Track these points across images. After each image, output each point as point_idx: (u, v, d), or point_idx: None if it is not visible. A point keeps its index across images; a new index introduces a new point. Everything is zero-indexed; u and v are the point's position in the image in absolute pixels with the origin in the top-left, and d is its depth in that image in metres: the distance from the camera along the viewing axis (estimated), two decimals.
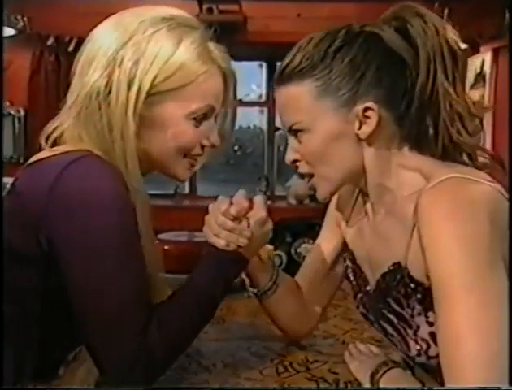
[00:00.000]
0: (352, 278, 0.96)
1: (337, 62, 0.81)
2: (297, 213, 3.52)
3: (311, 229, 1.68)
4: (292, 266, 1.57)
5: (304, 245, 1.63)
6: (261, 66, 3.88)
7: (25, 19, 2.85)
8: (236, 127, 4.01)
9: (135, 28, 0.83)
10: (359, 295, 0.94)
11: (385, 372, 0.85)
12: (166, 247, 1.66)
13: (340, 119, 0.81)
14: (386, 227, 0.86)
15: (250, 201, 0.91)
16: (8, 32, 2.77)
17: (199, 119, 0.87)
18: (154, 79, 0.82)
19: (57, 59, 2.97)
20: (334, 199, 1.05)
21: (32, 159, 0.85)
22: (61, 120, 0.86)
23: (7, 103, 3.00)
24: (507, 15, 2.47)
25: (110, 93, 0.82)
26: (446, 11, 2.65)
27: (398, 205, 0.84)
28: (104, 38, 0.84)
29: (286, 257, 1.56)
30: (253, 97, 3.96)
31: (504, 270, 0.71)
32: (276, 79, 0.86)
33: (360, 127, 0.81)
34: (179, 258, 1.55)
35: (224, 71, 0.90)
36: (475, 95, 2.77)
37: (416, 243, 0.77)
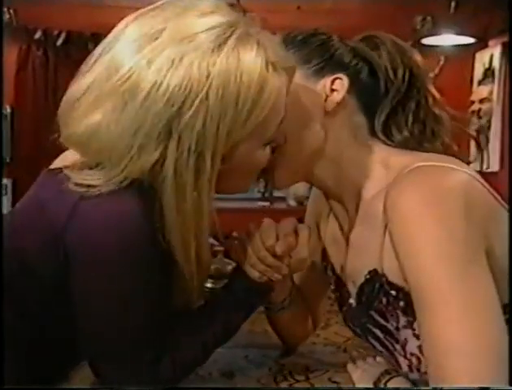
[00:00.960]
0: (335, 290, 0.96)
1: (309, 43, 0.85)
2: (297, 214, 3.52)
3: None
4: None
5: None
6: None
7: (11, 11, 2.83)
8: None
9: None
10: (344, 308, 0.92)
11: (388, 381, 0.85)
12: None
13: (307, 89, 0.84)
14: (357, 232, 0.85)
15: (296, 232, 0.87)
16: None
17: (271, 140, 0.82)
18: (229, 137, 0.72)
19: (45, 54, 2.98)
20: (309, 207, 1.06)
21: (58, 164, 0.82)
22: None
23: None
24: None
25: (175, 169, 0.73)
26: (453, 4, 2.67)
27: (366, 205, 0.83)
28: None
29: None
30: None
31: (485, 264, 0.68)
32: None
33: (326, 101, 0.83)
34: None
35: (288, 70, 0.79)
36: (483, 91, 2.82)
37: (390, 245, 0.74)
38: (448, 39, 2.72)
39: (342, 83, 0.83)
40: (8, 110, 3.03)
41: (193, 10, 0.73)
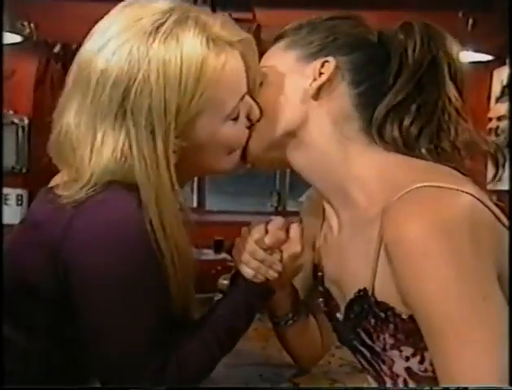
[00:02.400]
0: (322, 303, 0.91)
1: (319, 26, 0.82)
2: None
3: None
4: None
5: None
6: None
7: (32, 25, 2.86)
8: None
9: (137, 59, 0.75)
10: (332, 323, 0.90)
11: None
12: None
13: (296, 70, 0.81)
14: (349, 245, 0.80)
15: (287, 230, 0.87)
16: (14, 38, 2.77)
17: (237, 115, 0.82)
18: (178, 108, 0.75)
19: (63, 68, 2.97)
20: (304, 214, 1.01)
21: (52, 183, 0.83)
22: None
23: (11, 112, 3.03)
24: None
25: (131, 148, 0.76)
26: (470, 22, 2.66)
27: (360, 220, 0.77)
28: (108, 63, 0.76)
29: None
30: None
31: (500, 294, 0.65)
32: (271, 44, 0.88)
33: (312, 82, 0.80)
34: None
35: (240, 44, 0.82)
36: (500, 109, 2.80)
37: (384, 266, 0.71)
38: (465, 56, 2.71)
39: (329, 66, 0.79)
40: (26, 121, 3.07)
41: (141, 4, 0.79)
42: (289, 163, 0.85)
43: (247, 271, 0.86)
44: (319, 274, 0.91)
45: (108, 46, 0.75)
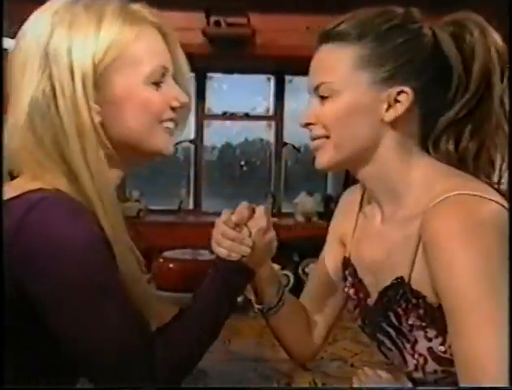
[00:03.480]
0: (352, 292, 0.98)
1: (388, 40, 0.83)
2: (305, 231, 3.54)
3: (320, 248, 1.70)
4: (300, 287, 1.59)
5: (312, 265, 1.64)
6: (269, 79, 3.93)
7: None
8: (242, 140, 4.07)
9: (53, 21, 0.81)
10: (358, 308, 0.96)
11: None
12: (170, 265, 1.69)
13: (371, 95, 0.83)
14: (391, 239, 0.88)
15: (253, 210, 0.94)
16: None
17: (157, 81, 0.85)
18: (93, 59, 0.80)
19: None
20: (336, 215, 1.08)
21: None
22: (8, 138, 0.82)
23: None
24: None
25: (55, 94, 0.79)
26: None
27: (404, 219, 0.85)
28: (31, 36, 0.81)
29: (293, 277, 1.58)
30: (260, 110, 4.00)
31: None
32: (320, 36, 0.87)
33: (387, 110, 0.83)
34: (183, 277, 1.57)
35: (158, 26, 0.88)
36: None
37: (421, 260, 0.80)
38: None
39: (407, 97, 0.83)
40: None
41: None
42: (354, 171, 0.91)
43: (221, 251, 0.91)
44: (351, 267, 0.98)
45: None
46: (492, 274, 0.73)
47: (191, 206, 3.93)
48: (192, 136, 3.95)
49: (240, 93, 3.99)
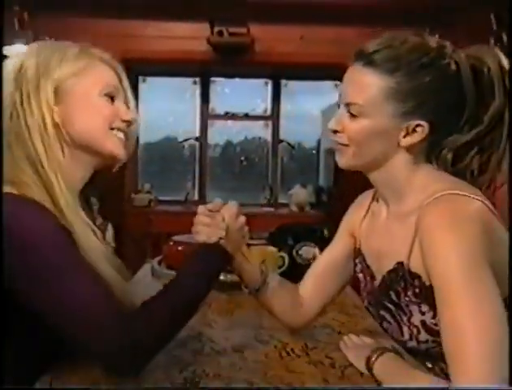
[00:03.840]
0: (361, 276, 1.03)
1: (417, 77, 0.85)
2: (299, 219, 3.58)
3: (312, 233, 1.74)
4: (295, 267, 1.62)
5: (305, 248, 1.67)
6: (266, 83, 3.96)
7: (52, 40, 2.88)
8: (242, 138, 4.09)
9: (25, 55, 0.90)
10: (366, 291, 1.02)
11: (379, 356, 0.91)
12: (179, 248, 1.73)
13: (394, 124, 0.87)
14: (394, 231, 0.94)
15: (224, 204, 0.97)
16: None
17: (111, 95, 0.92)
18: (55, 71, 0.87)
19: None
20: (349, 213, 1.12)
21: None
22: None
23: None
24: (492, 41, 2.52)
25: (22, 101, 0.85)
26: (436, 36, 2.72)
27: (405, 214, 0.91)
28: (10, 67, 0.90)
29: (288, 258, 1.61)
30: (258, 111, 4.03)
31: (491, 274, 0.78)
32: (359, 55, 0.88)
33: (404, 137, 0.88)
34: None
35: (108, 62, 0.94)
36: None
37: (417, 247, 0.86)
38: None
39: (423, 129, 0.87)
40: None
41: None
42: (367, 174, 0.96)
43: (199, 237, 0.94)
44: (360, 255, 1.03)
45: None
46: (474, 260, 0.78)
47: (196, 198, 3.96)
48: (197, 134, 3.98)
49: (240, 95, 4.02)
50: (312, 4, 3.07)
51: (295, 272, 1.34)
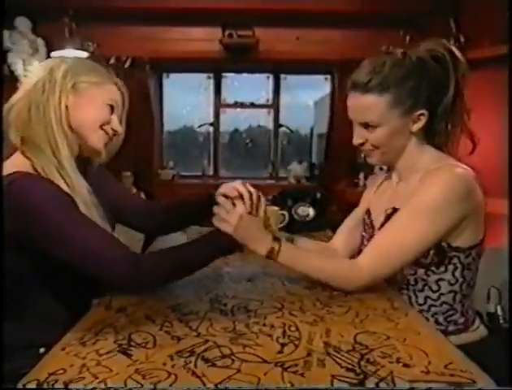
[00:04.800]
0: (365, 227, 1.12)
1: (404, 86, 0.94)
2: (294, 188, 3.63)
3: (306, 196, 1.83)
4: (293, 223, 1.70)
5: (301, 207, 1.75)
6: (268, 77, 3.96)
7: (95, 44, 2.92)
8: (248, 125, 4.12)
9: (68, 60, 0.96)
10: (366, 239, 1.10)
11: (280, 247, 0.93)
12: None
13: (402, 121, 0.97)
14: (402, 192, 1.02)
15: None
16: (82, 54, 2.84)
17: (111, 107, 0.95)
18: (79, 76, 0.92)
19: (117, 74, 2.99)
20: (367, 187, 1.22)
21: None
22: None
23: None
24: (451, 42, 2.55)
25: (49, 84, 0.90)
26: (408, 38, 2.75)
27: (411, 179, 1.00)
28: (37, 73, 0.93)
29: (288, 215, 1.69)
30: (262, 101, 4.04)
31: (445, 224, 0.90)
32: (355, 86, 0.96)
33: (413, 125, 0.97)
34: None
35: (119, 86, 0.99)
36: None
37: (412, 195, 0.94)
38: None
39: (425, 116, 0.96)
40: None
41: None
42: (388, 163, 1.05)
43: (215, 221, 0.92)
44: (367, 213, 1.12)
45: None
46: (442, 207, 0.89)
47: (211, 173, 4.02)
48: (211, 120, 4.02)
49: (247, 87, 4.02)
50: (306, 11, 3.09)
51: (293, 226, 1.42)
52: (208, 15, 3.08)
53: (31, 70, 0.88)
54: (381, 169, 2.74)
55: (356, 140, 1.01)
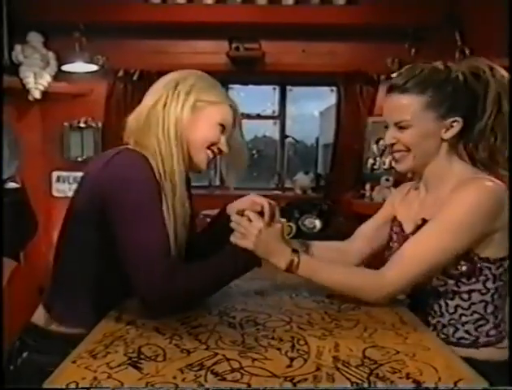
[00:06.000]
0: (395, 237, 1.10)
1: (442, 89, 0.95)
2: (301, 200, 3.62)
3: (313, 208, 1.83)
4: (300, 234, 1.72)
5: (308, 219, 1.77)
6: (274, 89, 3.97)
7: (104, 58, 2.95)
8: (253, 136, 4.14)
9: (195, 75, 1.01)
10: (394, 248, 1.07)
11: (300, 259, 0.94)
12: (207, 219, 1.83)
13: (435, 125, 0.96)
14: (429, 202, 1.01)
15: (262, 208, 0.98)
16: (92, 67, 2.89)
17: (223, 127, 0.99)
18: (201, 94, 0.97)
19: (125, 87, 3.06)
20: (393, 194, 1.21)
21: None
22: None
23: (90, 118, 3.09)
24: (457, 54, 2.56)
25: (165, 106, 0.94)
26: (413, 51, 2.77)
27: (442, 189, 0.99)
28: (163, 84, 0.99)
29: (295, 227, 1.69)
30: (268, 112, 4.06)
31: (470, 237, 0.89)
32: (393, 88, 0.97)
33: (445, 132, 0.96)
34: None
35: (233, 107, 1.03)
36: None
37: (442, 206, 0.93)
38: None
39: (459, 124, 0.96)
40: (100, 125, 3.11)
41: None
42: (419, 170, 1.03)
43: (233, 238, 0.92)
44: (396, 222, 1.11)
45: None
46: (467, 221, 0.88)
47: (218, 183, 4.03)
48: None
49: (253, 99, 4.04)
50: (311, 24, 3.12)
51: (300, 238, 1.41)
52: (215, 28, 3.11)
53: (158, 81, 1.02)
54: (387, 180, 2.74)
55: (388, 140, 1.00)
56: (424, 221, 0.98)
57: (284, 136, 3.99)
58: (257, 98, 4.05)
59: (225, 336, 0.81)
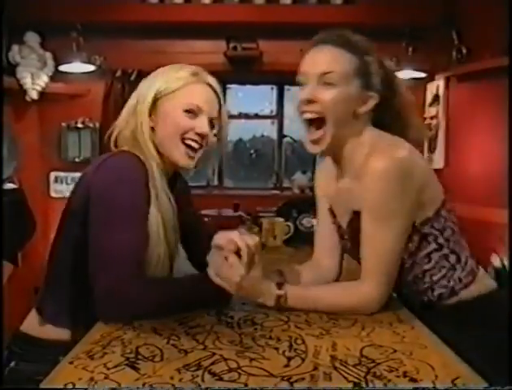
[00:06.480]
0: (335, 228, 1.10)
1: (372, 60, 0.97)
2: (299, 199, 3.61)
3: (311, 207, 1.84)
4: (298, 233, 1.72)
5: (306, 219, 1.77)
6: (272, 88, 3.97)
7: (101, 58, 2.93)
8: (252, 136, 4.16)
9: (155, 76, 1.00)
10: (340, 233, 1.08)
11: (286, 293, 0.91)
12: (206, 219, 1.84)
13: (356, 94, 0.94)
14: (352, 189, 0.99)
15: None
16: (89, 67, 2.88)
17: (192, 113, 0.94)
18: (157, 89, 0.94)
19: (123, 87, 3.05)
20: (316, 178, 1.18)
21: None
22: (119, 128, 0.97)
23: (87, 119, 3.09)
24: (454, 53, 2.57)
25: (136, 108, 0.95)
26: (410, 49, 2.77)
27: (356, 170, 0.96)
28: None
29: (293, 226, 1.69)
30: (266, 112, 4.06)
31: (408, 214, 0.88)
32: (323, 41, 0.96)
33: (361, 106, 0.95)
34: (214, 226, 1.72)
35: (212, 86, 0.98)
36: (432, 111, 2.85)
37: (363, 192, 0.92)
38: (407, 74, 2.78)
39: (374, 99, 0.96)
40: (97, 125, 3.11)
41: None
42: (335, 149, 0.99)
43: (215, 279, 0.84)
44: (334, 215, 1.09)
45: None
46: (391, 203, 0.87)
47: (216, 183, 4.02)
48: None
49: (251, 99, 4.03)
50: (309, 24, 3.11)
51: (298, 237, 1.43)
52: (212, 28, 3.11)
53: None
54: None
55: (305, 95, 0.96)
56: (355, 213, 0.96)
57: (281, 135, 3.97)
58: (255, 98, 4.03)
59: (223, 336, 0.81)
